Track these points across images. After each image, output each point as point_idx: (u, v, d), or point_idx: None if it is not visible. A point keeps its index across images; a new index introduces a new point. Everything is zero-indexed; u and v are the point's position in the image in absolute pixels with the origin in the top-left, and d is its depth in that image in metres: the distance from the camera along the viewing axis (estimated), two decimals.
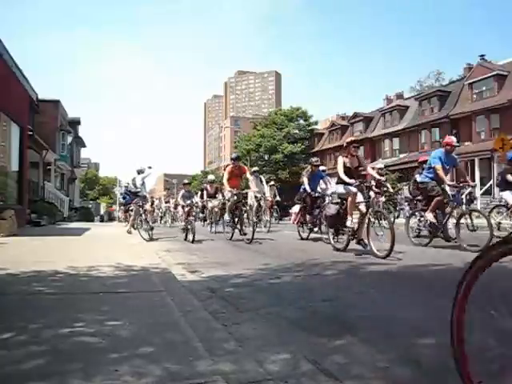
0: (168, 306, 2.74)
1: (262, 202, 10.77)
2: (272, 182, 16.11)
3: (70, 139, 26.31)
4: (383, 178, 5.85)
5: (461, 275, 1.33)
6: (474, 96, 24.64)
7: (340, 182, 6.12)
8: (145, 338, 2.04)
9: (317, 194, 8.51)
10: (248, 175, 8.91)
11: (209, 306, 2.83)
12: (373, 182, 6.16)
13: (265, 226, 10.98)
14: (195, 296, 3.10)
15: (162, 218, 18.35)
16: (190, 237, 8.16)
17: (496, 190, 14.51)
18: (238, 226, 8.20)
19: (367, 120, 34.51)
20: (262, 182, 11.11)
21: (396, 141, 30.28)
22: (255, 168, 12.66)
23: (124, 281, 3.66)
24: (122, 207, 17.97)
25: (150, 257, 5.39)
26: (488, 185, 19.97)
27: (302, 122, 41.37)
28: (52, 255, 5.37)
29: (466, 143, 23.48)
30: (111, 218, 32.29)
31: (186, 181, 11.14)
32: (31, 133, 14.83)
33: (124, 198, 13.92)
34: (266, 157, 38.26)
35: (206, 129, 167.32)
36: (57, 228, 13.11)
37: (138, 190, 10.19)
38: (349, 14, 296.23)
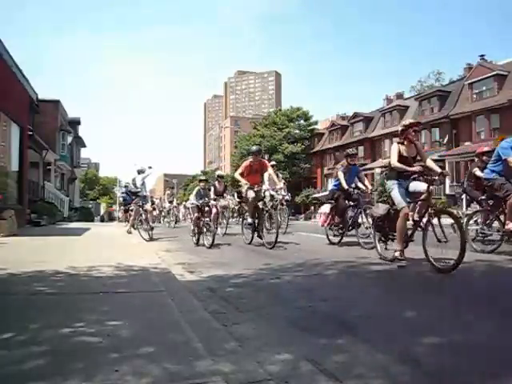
0: (168, 306, 2.74)
1: (280, 201, 9.71)
2: (283, 181, 15.50)
3: (70, 139, 26.31)
4: (448, 172, 4.86)
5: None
6: (474, 96, 24.65)
7: (392, 176, 4.90)
8: (145, 338, 2.04)
9: (356, 191, 7.11)
10: (270, 171, 7.75)
11: (209, 306, 2.82)
12: None
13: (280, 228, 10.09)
14: (195, 296, 3.10)
15: (165, 217, 17.37)
16: (206, 241, 7.06)
17: None
18: (260, 229, 7.14)
19: (367, 120, 34.53)
20: (278, 177, 9.71)
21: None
22: (273, 162, 11.73)
23: (124, 281, 3.66)
24: (121, 207, 17.74)
25: (150, 257, 5.39)
26: None
27: (302, 122, 41.40)
28: (52, 255, 5.37)
29: (466, 143, 23.49)
30: (111, 218, 32.28)
31: (202, 177, 9.90)
32: (31, 133, 14.82)
33: (124, 198, 13.89)
34: (266, 157, 38.25)
35: (206, 129, 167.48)
36: (57, 228, 13.11)
37: (138, 189, 10.19)
38: (349, 13, 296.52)
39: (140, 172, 10.50)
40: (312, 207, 34.18)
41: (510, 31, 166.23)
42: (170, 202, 16.98)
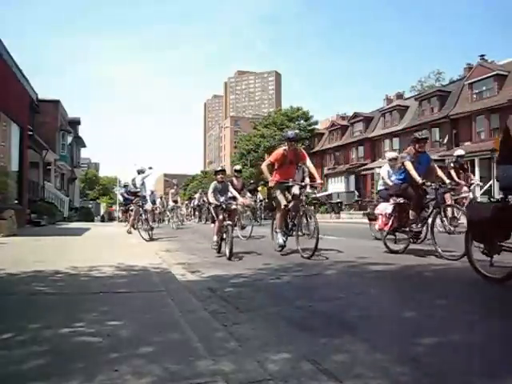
0: (168, 305, 2.74)
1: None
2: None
3: (70, 139, 26.32)
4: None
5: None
6: (474, 96, 24.64)
7: (507, 159, 3.79)
8: (145, 338, 2.04)
9: (433, 186, 5.49)
10: (308, 163, 6.30)
11: (209, 306, 2.83)
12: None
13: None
14: (195, 296, 3.10)
15: (169, 217, 16.12)
16: (227, 249, 5.66)
17: (496, 189, 14.48)
18: (295, 233, 5.84)
19: (367, 120, 34.52)
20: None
21: (396, 141, 30.27)
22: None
23: (124, 281, 3.66)
24: (121, 207, 17.62)
25: (150, 257, 5.39)
26: (488, 185, 19.99)
27: (302, 122, 41.41)
28: (52, 255, 5.37)
29: (466, 143, 23.49)
30: (111, 218, 32.29)
31: (219, 168, 7.32)
32: (31, 133, 14.83)
33: (125, 198, 13.86)
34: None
35: (206, 129, 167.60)
36: (57, 228, 13.11)
37: (138, 190, 10.20)
38: (349, 13, 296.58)
39: (140, 172, 10.51)
40: (312, 207, 34.11)
41: (510, 31, 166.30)
42: (175, 202, 15.92)
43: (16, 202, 12.20)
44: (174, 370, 1.65)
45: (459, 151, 9.69)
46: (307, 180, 6.72)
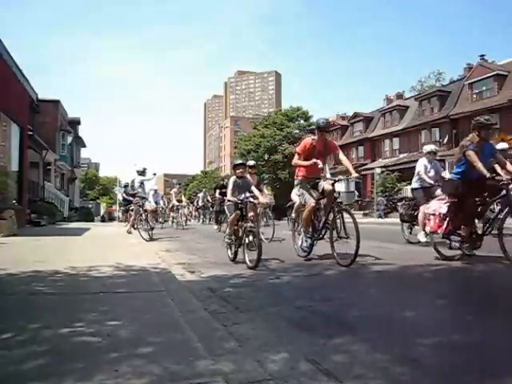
0: (168, 305, 2.74)
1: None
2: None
3: (70, 139, 26.33)
4: None
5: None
6: (474, 96, 24.67)
7: None
8: (145, 338, 2.04)
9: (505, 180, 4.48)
10: (341, 156, 5.46)
11: (209, 306, 2.82)
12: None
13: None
14: (195, 296, 3.10)
15: (173, 218, 15.34)
16: (247, 256, 4.84)
17: None
18: (326, 236, 5.09)
19: (367, 120, 34.56)
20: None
21: (396, 141, 30.32)
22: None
23: (124, 281, 3.66)
24: (121, 207, 17.59)
25: (150, 257, 5.39)
26: None
27: (302, 122, 41.40)
28: (52, 255, 5.37)
29: None
30: (111, 218, 32.27)
31: (237, 161, 5.81)
32: (31, 133, 14.84)
33: (125, 198, 13.85)
34: (266, 157, 38.28)
35: (206, 129, 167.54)
36: (57, 228, 13.11)
37: (135, 192, 10.23)
38: (349, 13, 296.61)
39: (139, 172, 10.51)
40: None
41: (510, 31, 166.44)
42: (179, 201, 15.53)
43: (15, 202, 12.20)
44: (173, 370, 1.65)
45: (502, 144, 8.15)
46: (328, 176, 5.87)
